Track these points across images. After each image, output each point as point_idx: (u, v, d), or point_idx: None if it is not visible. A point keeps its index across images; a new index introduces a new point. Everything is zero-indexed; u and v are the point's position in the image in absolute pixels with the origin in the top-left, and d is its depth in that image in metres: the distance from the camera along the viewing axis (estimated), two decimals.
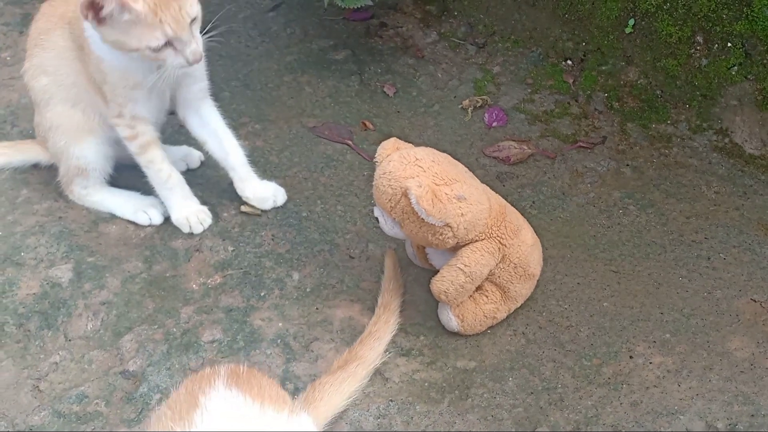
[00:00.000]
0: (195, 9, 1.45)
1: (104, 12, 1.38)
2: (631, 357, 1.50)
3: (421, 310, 1.60)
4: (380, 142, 2.01)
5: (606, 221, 1.80)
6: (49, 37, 1.61)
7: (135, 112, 1.59)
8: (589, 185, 1.90)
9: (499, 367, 1.49)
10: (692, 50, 2.00)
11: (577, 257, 1.71)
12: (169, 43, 1.43)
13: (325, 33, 2.36)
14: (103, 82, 1.56)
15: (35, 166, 1.86)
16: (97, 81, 1.58)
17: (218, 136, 1.72)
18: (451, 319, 1.50)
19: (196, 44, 1.46)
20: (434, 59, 2.29)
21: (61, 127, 1.68)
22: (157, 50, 1.42)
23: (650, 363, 1.48)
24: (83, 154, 1.69)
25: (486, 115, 2.10)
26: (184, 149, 1.89)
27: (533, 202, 1.85)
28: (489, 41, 2.31)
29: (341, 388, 1.36)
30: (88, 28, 1.48)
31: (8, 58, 2.29)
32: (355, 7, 2.15)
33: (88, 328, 1.54)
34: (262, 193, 1.75)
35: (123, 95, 1.56)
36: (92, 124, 1.68)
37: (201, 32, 1.51)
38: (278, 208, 1.79)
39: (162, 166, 1.66)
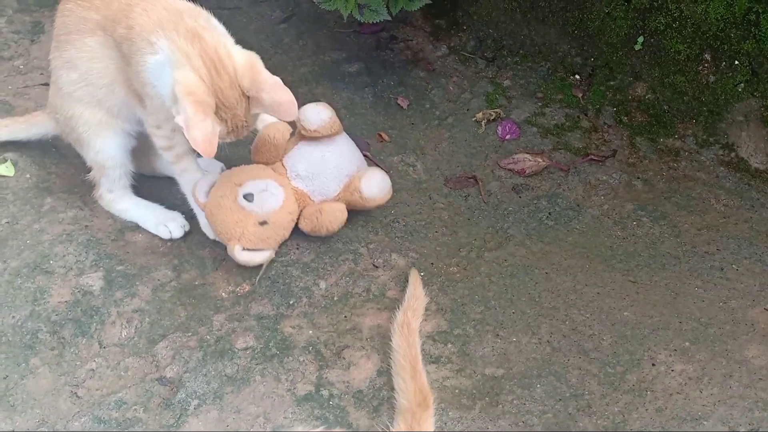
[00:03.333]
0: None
1: None
2: (653, 365, 1.55)
3: (448, 319, 1.64)
4: (397, 154, 2.06)
5: (621, 233, 1.86)
6: (83, 39, 1.62)
7: (176, 125, 1.61)
8: (602, 197, 1.95)
9: (526, 375, 1.53)
10: (700, 67, 2.07)
11: (595, 268, 1.76)
12: None
13: (337, 45, 2.40)
14: (149, 98, 1.59)
15: (56, 173, 1.88)
16: (140, 93, 1.60)
17: None
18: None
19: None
20: (445, 72, 2.33)
21: (82, 120, 1.70)
22: None
23: (672, 370, 1.54)
24: (103, 149, 1.73)
25: (499, 127, 2.15)
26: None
27: (549, 214, 1.90)
28: (498, 55, 2.37)
29: None
30: (153, 66, 1.51)
31: (21, 67, 2.29)
32: (372, 21, 2.19)
33: (123, 335, 1.55)
34: None
35: (167, 114, 1.59)
36: (115, 121, 1.71)
37: None
38: None
39: (195, 174, 1.69)
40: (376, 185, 1.77)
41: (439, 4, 2.43)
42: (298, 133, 1.78)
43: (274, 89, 1.50)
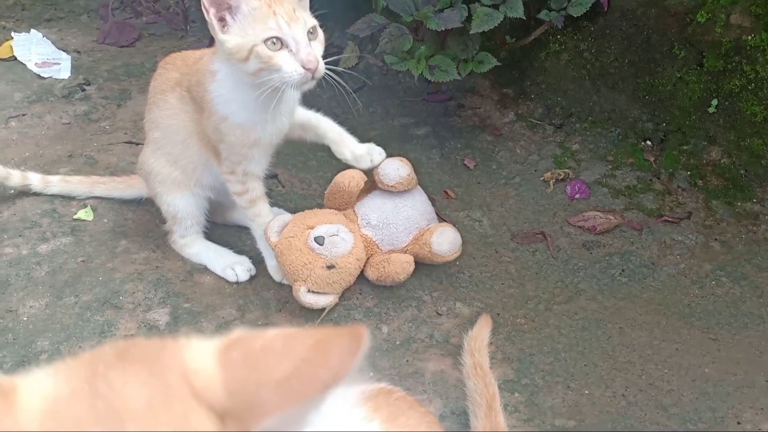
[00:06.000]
0: (310, 20, 1.50)
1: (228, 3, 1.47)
2: (738, 423, 1.44)
3: (515, 368, 1.57)
4: (463, 210, 2.06)
5: (699, 291, 1.77)
6: (165, 98, 1.72)
7: (248, 169, 1.67)
8: (678, 257, 1.88)
9: (600, 428, 1.44)
10: None
11: (672, 324, 1.67)
12: (283, 45, 1.46)
13: (406, 112, 2.45)
14: (221, 140, 1.64)
15: (136, 211, 1.94)
16: (212, 140, 1.66)
17: (306, 121, 1.78)
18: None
19: (311, 49, 1.46)
20: (512, 137, 2.35)
21: (160, 176, 1.77)
22: (272, 47, 1.45)
23: (760, 430, 1.42)
24: (174, 203, 1.80)
25: (568, 187, 2.12)
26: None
27: (622, 270, 1.84)
28: (566, 122, 2.37)
29: None
30: (214, 88, 1.59)
31: (107, 127, 2.42)
32: (438, 87, 2.24)
33: None
34: (358, 151, 1.77)
35: (240, 153, 1.65)
36: (188, 182, 1.77)
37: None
38: None
39: (267, 218, 1.72)
40: (446, 242, 1.75)
41: (507, 74, 2.48)
42: (373, 182, 1.80)
43: None
